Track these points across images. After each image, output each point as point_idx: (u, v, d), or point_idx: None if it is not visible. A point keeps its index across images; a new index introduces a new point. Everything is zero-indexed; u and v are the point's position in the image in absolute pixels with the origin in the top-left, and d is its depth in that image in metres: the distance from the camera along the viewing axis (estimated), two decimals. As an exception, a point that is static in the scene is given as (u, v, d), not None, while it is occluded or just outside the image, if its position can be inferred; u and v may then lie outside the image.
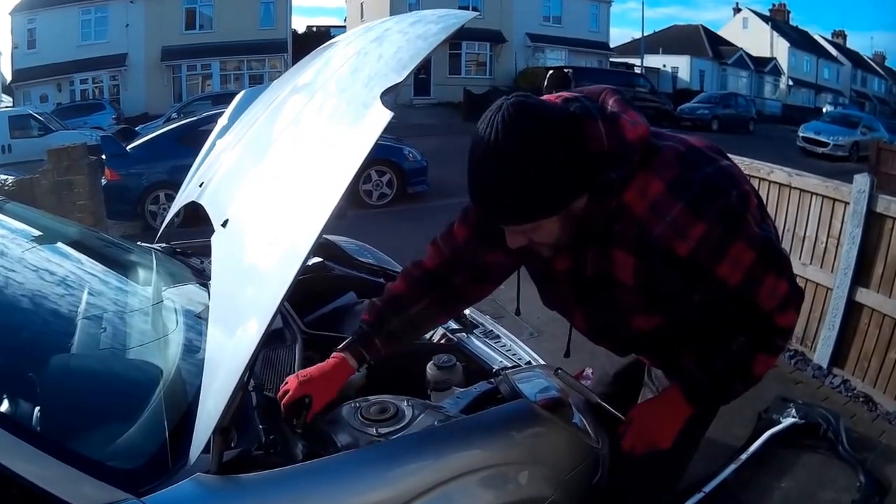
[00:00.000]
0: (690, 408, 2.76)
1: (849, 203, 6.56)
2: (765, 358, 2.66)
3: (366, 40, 3.30)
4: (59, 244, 3.86)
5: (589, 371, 5.39)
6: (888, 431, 5.91)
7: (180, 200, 4.44)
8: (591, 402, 3.21)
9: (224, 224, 2.93)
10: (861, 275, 6.52)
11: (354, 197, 14.78)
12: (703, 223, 2.31)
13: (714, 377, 2.69)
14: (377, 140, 2.31)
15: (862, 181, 6.41)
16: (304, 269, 4.46)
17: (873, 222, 6.38)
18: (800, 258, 7.21)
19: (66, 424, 2.42)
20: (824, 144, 32.06)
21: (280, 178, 2.90)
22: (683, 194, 2.33)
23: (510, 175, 2.26)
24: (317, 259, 4.65)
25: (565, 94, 2.48)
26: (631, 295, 2.57)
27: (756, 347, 2.62)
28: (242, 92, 5.24)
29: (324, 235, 4.84)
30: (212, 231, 2.96)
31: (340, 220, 2.30)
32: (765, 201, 7.56)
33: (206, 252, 3.52)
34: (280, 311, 3.26)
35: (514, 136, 2.22)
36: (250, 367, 2.22)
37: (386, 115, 2.35)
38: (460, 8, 43.30)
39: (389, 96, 2.41)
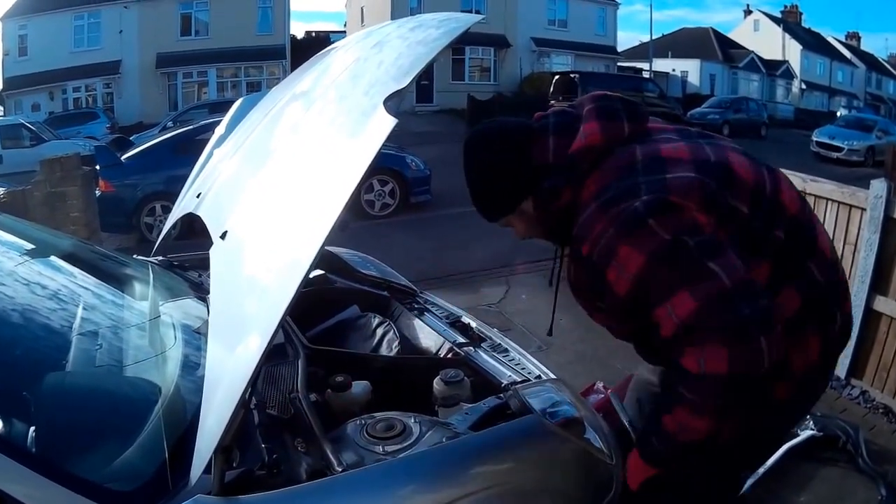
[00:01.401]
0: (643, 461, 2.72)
1: (865, 209, 6.53)
2: (680, 412, 2.45)
3: (365, 46, 3.31)
4: (53, 258, 3.85)
5: (600, 384, 5.37)
6: (909, 444, 5.84)
7: (177, 212, 4.44)
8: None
9: (223, 236, 2.92)
10: (879, 282, 6.48)
11: (356, 207, 14.77)
12: (601, 223, 2.50)
13: (646, 426, 2.72)
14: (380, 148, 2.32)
15: (879, 186, 6.39)
16: (306, 282, 4.48)
17: (891, 228, 6.35)
18: (815, 266, 7.18)
19: (61, 445, 2.40)
20: (839, 149, 31.97)
21: (280, 188, 2.89)
22: (601, 197, 2.56)
23: (472, 184, 3.03)
24: (319, 272, 4.65)
25: (562, 105, 2.77)
26: (585, 297, 2.86)
27: (668, 393, 2.52)
28: (240, 100, 5.24)
29: (326, 247, 4.86)
30: (210, 243, 2.96)
31: (343, 231, 2.29)
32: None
33: (204, 265, 3.52)
34: (282, 325, 3.26)
35: (471, 156, 3.02)
36: (252, 384, 2.21)
37: (389, 122, 2.34)
38: (463, 11, 43.48)
39: (392, 103, 2.40)
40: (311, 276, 4.53)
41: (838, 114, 49.55)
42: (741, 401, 2.39)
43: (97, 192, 12.84)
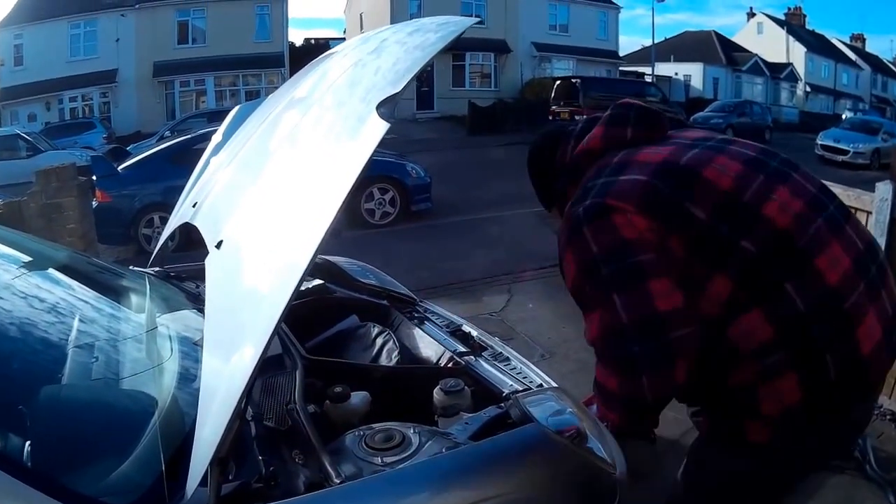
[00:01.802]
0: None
1: (871, 212, 6.53)
2: (599, 404, 2.88)
3: (363, 52, 3.31)
4: (49, 270, 3.85)
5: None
6: (917, 451, 5.83)
7: (174, 222, 4.44)
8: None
9: (218, 245, 2.92)
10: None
11: (356, 216, 14.80)
12: (563, 223, 2.74)
13: None
14: (377, 155, 2.34)
15: (884, 189, 6.39)
16: (305, 292, 4.48)
17: (896, 231, 6.34)
18: (822, 269, 7.18)
19: (57, 459, 2.39)
20: (844, 152, 31.96)
21: (275, 196, 2.89)
22: (574, 196, 2.76)
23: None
24: (318, 281, 4.66)
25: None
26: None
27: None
28: (237, 107, 5.25)
29: (325, 257, 4.84)
30: (206, 253, 2.96)
31: (336, 238, 2.30)
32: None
33: (201, 276, 3.53)
34: (278, 335, 3.26)
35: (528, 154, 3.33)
36: (247, 394, 2.20)
37: (382, 127, 2.34)
38: (462, 15, 43.54)
39: (386, 108, 2.40)
40: (309, 285, 4.56)
41: (843, 116, 49.66)
42: (638, 411, 2.68)
43: (94, 202, 12.82)
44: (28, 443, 2.35)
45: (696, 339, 2.42)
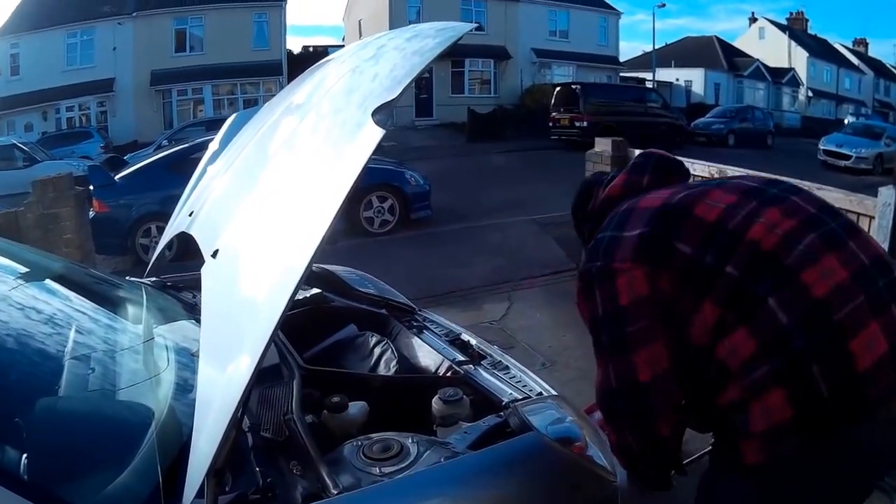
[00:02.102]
0: None
1: (874, 217, 6.54)
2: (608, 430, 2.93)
3: (361, 58, 3.32)
4: (45, 280, 3.85)
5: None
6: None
7: (170, 231, 4.45)
8: None
9: (214, 255, 2.93)
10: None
11: (355, 225, 14.80)
12: (580, 276, 2.84)
13: None
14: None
15: (887, 194, 6.40)
16: (303, 301, 4.48)
17: (900, 236, 6.35)
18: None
19: (54, 471, 2.39)
20: (847, 157, 31.90)
21: (271, 204, 2.90)
22: (589, 247, 2.88)
23: None
24: (315, 290, 4.66)
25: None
26: None
27: None
28: (233, 115, 5.25)
29: (323, 266, 4.84)
30: (202, 262, 2.97)
31: (333, 244, 2.31)
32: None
33: (198, 285, 3.53)
34: (275, 345, 3.26)
35: None
36: (243, 404, 2.21)
37: (377, 134, 2.35)
38: (462, 21, 43.55)
39: (382, 115, 2.41)
40: (307, 294, 4.56)
41: (846, 121, 49.55)
42: (632, 458, 2.82)
43: (91, 212, 12.81)
44: (25, 455, 2.34)
45: (676, 398, 2.63)
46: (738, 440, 2.38)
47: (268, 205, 2.93)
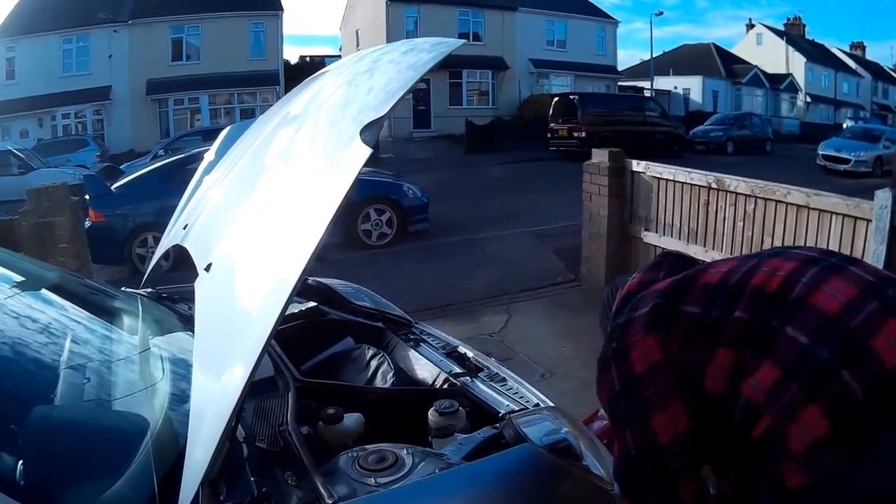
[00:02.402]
0: None
1: (871, 220, 6.58)
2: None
3: (356, 71, 3.33)
4: (41, 290, 3.86)
5: (603, 411, 5.39)
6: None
7: (165, 243, 4.47)
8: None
9: (207, 268, 2.95)
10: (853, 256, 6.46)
11: (353, 238, 14.81)
12: (599, 358, 2.89)
13: None
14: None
15: (884, 197, 6.43)
16: (299, 315, 4.49)
17: (898, 238, 6.38)
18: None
19: (50, 479, 2.40)
20: (846, 161, 32.00)
21: (265, 217, 2.92)
22: (607, 335, 2.98)
23: None
24: (311, 304, 4.67)
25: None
26: None
27: None
28: (228, 127, 5.27)
29: (319, 279, 4.86)
30: (196, 276, 2.98)
31: (323, 260, 2.33)
32: (783, 224, 7.59)
33: (193, 297, 3.55)
34: (271, 357, 3.27)
35: None
36: (237, 415, 2.22)
37: (364, 152, 2.36)
38: (460, 35, 43.83)
39: (369, 133, 2.42)
40: (303, 308, 4.58)
41: (845, 125, 49.69)
42: None
43: (87, 222, 12.80)
44: (21, 462, 2.35)
45: (698, 459, 2.64)
46: (778, 466, 2.35)
47: (261, 217, 2.94)
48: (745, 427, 2.38)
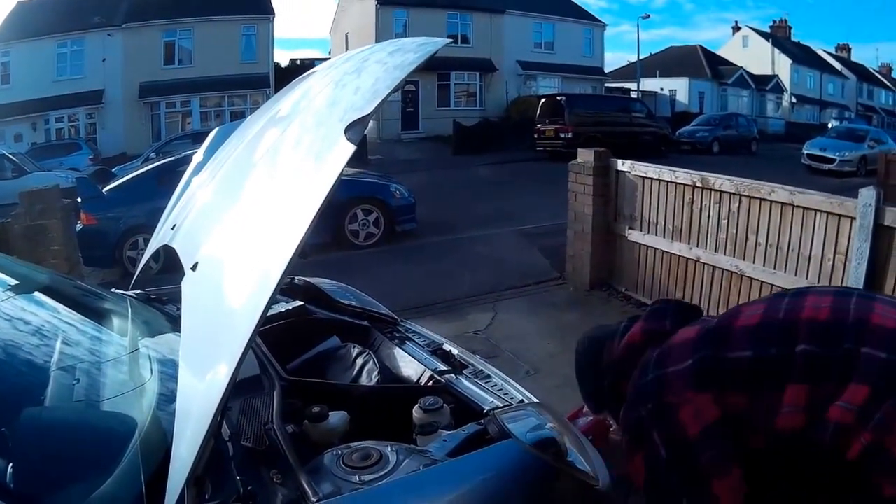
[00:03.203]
0: None
1: (855, 218, 6.61)
2: None
3: (344, 71, 3.32)
4: (32, 292, 3.86)
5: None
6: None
7: (154, 244, 4.46)
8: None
9: (193, 267, 2.95)
10: (872, 290, 6.48)
11: (341, 238, 14.80)
12: (622, 428, 2.72)
13: None
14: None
15: (868, 195, 6.46)
16: (286, 314, 4.49)
17: (882, 235, 6.46)
18: (807, 278, 7.28)
19: (39, 479, 2.40)
20: (830, 160, 32.14)
21: (249, 217, 2.92)
22: (628, 398, 2.67)
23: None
24: (298, 303, 4.67)
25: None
26: None
27: None
28: (216, 129, 5.27)
29: (305, 278, 4.85)
30: (183, 275, 2.99)
31: (304, 259, 2.33)
32: (767, 222, 7.61)
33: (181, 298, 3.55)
34: (256, 356, 3.27)
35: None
36: (221, 413, 2.22)
37: (348, 150, 2.36)
38: (448, 36, 43.74)
39: (354, 131, 2.42)
40: (289, 307, 4.58)
41: (829, 125, 49.75)
42: None
43: (79, 225, 12.78)
44: (10, 464, 2.34)
45: None
46: (880, 479, 2.30)
47: (246, 216, 2.94)
48: (836, 451, 2.33)
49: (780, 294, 2.66)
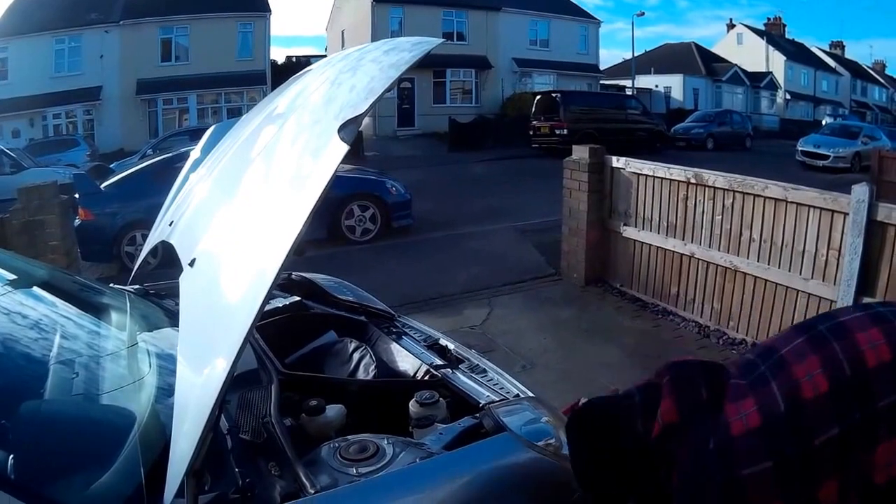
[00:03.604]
0: None
1: (848, 214, 6.64)
2: None
3: (340, 69, 3.33)
4: (30, 286, 3.87)
5: (584, 401, 5.41)
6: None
7: (152, 240, 4.47)
8: None
9: (191, 263, 2.96)
10: (865, 285, 6.59)
11: (337, 233, 14.78)
12: None
13: None
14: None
15: (861, 191, 6.49)
16: (283, 309, 4.50)
17: (874, 231, 6.48)
18: (800, 273, 7.29)
19: (40, 471, 2.42)
20: (824, 157, 32.22)
21: (246, 213, 2.92)
22: (686, 495, 2.22)
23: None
24: (295, 298, 4.68)
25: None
26: None
27: None
28: (213, 126, 5.27)
29: (301, 274, 4.86)
30: (182, 271, 3.00)
31: (300, 256, 2.33)
32: (761, 218, 7.63)
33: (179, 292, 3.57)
34: (254, 350, 3.28)
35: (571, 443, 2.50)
36: (221, 407, 2.23)
37: (341, 149, 2.37)
38: (444, 34, 43.90)
39: (347, 131, 2.43)
40: (287, 302, 4.59)
41: (823, 122, 49.75)
42: None
43: (77, 220, 12.75)
44: (11, 456, 2.35)
45: None
46: None
47: (243, 213, 2.95)
48: None
49: (802, 346, 2.28)
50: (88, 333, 3.57)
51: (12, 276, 3.81)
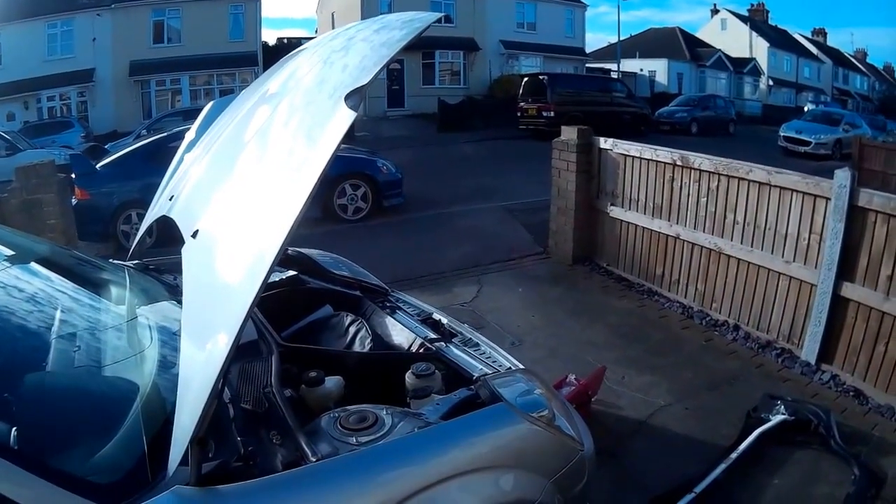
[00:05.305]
0: None
1: (830, 198, 6.66)
2: None
3: (331, 49, 3.33)
4: (31, 263, 3.86)
5: (572, 377, 5.45)
6: (881, 424, 5.97)
7: (151, 215, 4.47)
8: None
9: (194, 235, 2.97)
10: (845, 269, 6.61)
11: (329, 212, 14.76)
12: None
13: None
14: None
15: (843, 176, 6.51)
16: (279, 283, 4.51)
17: (855, 216, 6.49)
18: (783, 255, 7.30)
19: (44, 442, 2.42)
20: (806, 143, 32.12)
21: (247, 190, 2.93)
22: None
23: None
24: (291, 272, 4.69)
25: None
26: None
27: None
28: (210, 103, 5.26)
29: (298, 249, 4.88)
30: (183, 244, 3.01)
31: (303, 231, 2.35)
32: (745, 201, 7.65)
33: (178, 269, 3.58)
34: (254, 322, 3.29)
35: None
36: (223, 376, 2.25)
37: (346, 123, 2.38)
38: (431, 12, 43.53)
39: (353, 99, 2.44)
40: (283, 276, 4.60)
41: (805, 109, 49.80)
42: None
43: (73, 200, 12.72)
44: (15, 428, 2.36)
45: None
46: None
47: (244, 190, 2.96)
48: None
49: None
50: (89, 308, 3.57)
51: (14, 253, 3.81)
